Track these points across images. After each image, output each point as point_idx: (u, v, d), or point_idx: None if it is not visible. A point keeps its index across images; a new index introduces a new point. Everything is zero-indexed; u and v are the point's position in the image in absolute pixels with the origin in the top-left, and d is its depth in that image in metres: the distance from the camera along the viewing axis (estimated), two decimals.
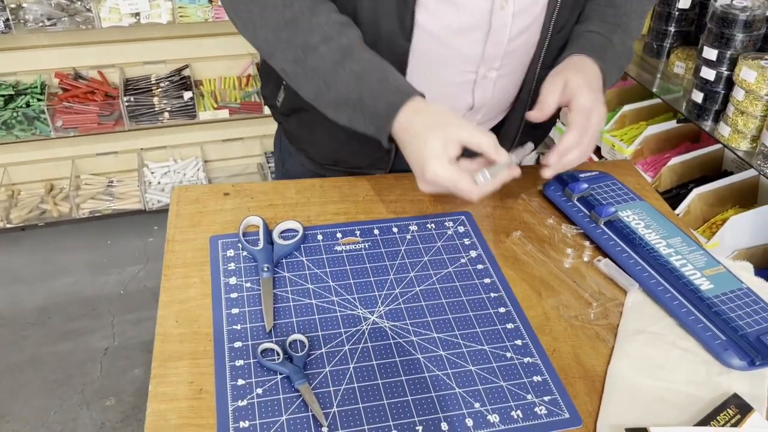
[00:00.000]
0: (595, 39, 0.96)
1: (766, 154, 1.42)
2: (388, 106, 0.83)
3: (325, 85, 0.85)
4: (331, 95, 0.86)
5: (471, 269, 0.89)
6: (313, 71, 0.85)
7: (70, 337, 2.18)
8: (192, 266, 0.87)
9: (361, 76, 0.84)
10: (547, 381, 0.75)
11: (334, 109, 0.88)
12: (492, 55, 0.93)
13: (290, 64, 0.87)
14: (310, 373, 0.74)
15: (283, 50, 0.86)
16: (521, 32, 0.92)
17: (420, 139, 0.81)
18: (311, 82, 0.87)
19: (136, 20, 2.24)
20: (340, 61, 0.84)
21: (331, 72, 0.84)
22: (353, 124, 0.87)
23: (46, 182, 2.60)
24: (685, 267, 0.88)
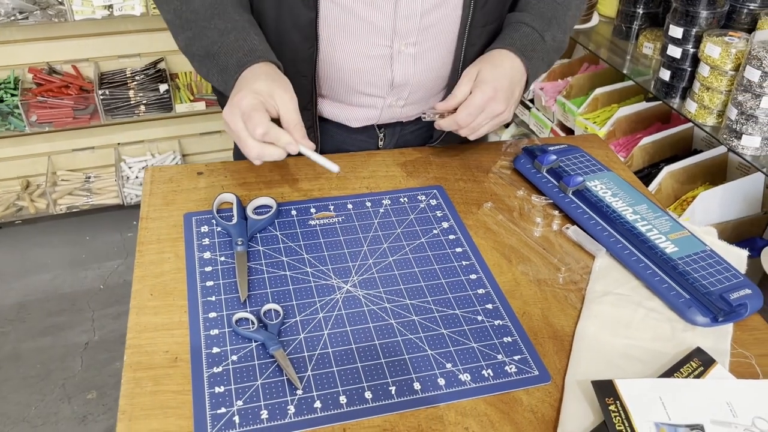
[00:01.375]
0: (527, 34, 0.95)
1: (732, 128, 1.45)
2: (237, 63, 0.87)
3: (194, 35, 0.90)
4: (197, 47, 0.90)
5: (443, 239, 0.91)
6: (186, 22, 0.90)
7: (50, 332, 2.17)
8: (166, 242, 0.88)
9: (223, 33, 0.88)
10: (516, 341, 0.77)
11: (198, 62, 0.92)
12: (405, 29, 0.93)
13: (171, 14, 0.92)
14: (285, 340, 0.75)
15: (166, 2, 0.92)
16: (436, 6, 0.92)
17: (253, 77, 0.84)
18: (184, 32, 0.91)
19: (109, 12, 2.23)
20: (209, 17, 0.89)
21: (200, 25, 0.89)
22: (209, 78, 0.92)
23: (22, 179, 2.58)
24: (651, 232, 0.91)
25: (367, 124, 1.06)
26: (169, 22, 0.94)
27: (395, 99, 1.02)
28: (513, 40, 0.95)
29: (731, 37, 1.47)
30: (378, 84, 0.99)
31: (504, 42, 0.95)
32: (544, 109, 2.25)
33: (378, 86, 0.99)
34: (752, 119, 1.40)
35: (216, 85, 0.92)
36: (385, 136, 1.10)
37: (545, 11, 0.98)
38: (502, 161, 1.08)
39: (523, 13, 0.98)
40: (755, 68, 1.34)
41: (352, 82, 0.98)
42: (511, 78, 0.92)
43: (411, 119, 1.09)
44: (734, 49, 1.44)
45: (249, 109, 0.81)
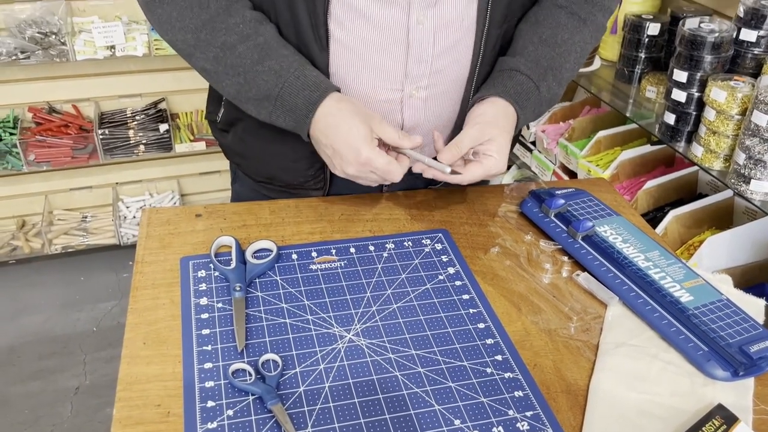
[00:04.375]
0: (521, 83, 0.93)
1: (739, 173, 1.43)
2: (306, 101, 0.86)
3: (246, 82, 0.87)
4: (252, 92, 0.88)
5: (449, 286, 0.88)
6: (233, 69, 0.87)
7: (40, 376, 2.11)
8: (161, 287, 0.84)
9: (279, 73, 0.86)
10: (528, 396, 0.73)
11: (254, 105, 0.90)
12: (417, 73, 0.92)
13: (211, 62, 0.89)
14: (284, 393, 0.71)
15: (203, 50, 0.88)
16: (447, 50, 0.91)
17: (346, 125, 0.85)
18: (232, 79, 0.88)
19: (111, 53, 2.23)
20: (259, 60, 0.86)
21: (250, 70, 0.87)
22: (273, 119, 0.89)
23: (17, 218, 2.55)
24: (665, 280, 0.87)
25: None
26: (207, 71, 0.90)
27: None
28: (507, 88, 0.93)
29: (737, 81, 1.46)
30: None
31: (497, 89, 0.93)
32: (546, 151, 2.24)
33: None
34: (760, 164, 1.38)
35: (282, 124, 0.90)
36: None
37: (542, 60, 0.95)
38: (508, 205, 1.05)
39: (518, 58, 0.95)
40: (763, 113, 1.33)
41: None
42: (510, 134, 0.92)
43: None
44: (740, 93, 1.43)
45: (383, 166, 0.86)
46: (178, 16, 0.87)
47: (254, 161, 1.05)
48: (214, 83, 0.92)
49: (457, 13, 0.89)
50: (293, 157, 0.99)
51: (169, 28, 0.89)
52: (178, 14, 0.87)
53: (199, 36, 0.87)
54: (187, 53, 0.90)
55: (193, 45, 0.88)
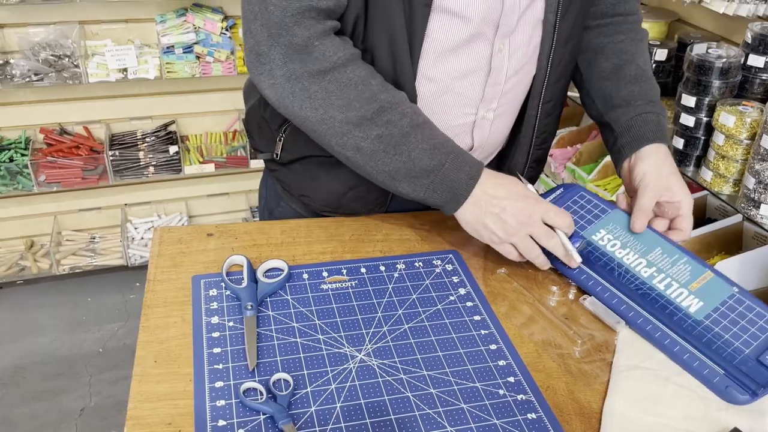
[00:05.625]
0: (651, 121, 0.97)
1: (750, 197, 1.43)
2: (468, 176, 0.88)
3: (409, 159, 0.87)
4: (415, 168, 0.88)
5: (460, 306, 0.87)
6: (395, 146, 0.87)
7: (45, 397, 2.10)
8: (173, 306, 0.84)
9: (440, 149, 0.88)
10: (542, 418, 0.72)
11: (411, 183, 0.89)
12: (491, 96, 0.95)
13: (370, 141, 0.87)
14: (295, 413, 0.70)
15: (364, 128, 0.86)
16: (516, 71, 0.95)
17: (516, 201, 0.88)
18: (392, 157, 0.88)
19: (123, 76, 2.26)
20: (423, 137, 0.88)
21: (415, 146, 0.87)
22: (429, 194, 0.89)
23: (26, 238, 2.56)
24: (670, 288, 0.86)
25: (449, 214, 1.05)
26: (361, 150, 0.87)
27: None
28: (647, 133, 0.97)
29: (745, 106, 1.46)
30: None
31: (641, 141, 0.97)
32: (554, 175, 2.24)
33: None
34: None
35: (437, 198, 0.90)
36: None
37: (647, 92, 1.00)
38: None
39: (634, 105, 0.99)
40: None
41: None
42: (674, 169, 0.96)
43: None
44: (749, 118, 1.43)
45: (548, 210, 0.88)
46: (339, 94, 0.85)
47: (324, 194, 1.04)
48: (365, 162, 0.89)
49: (526, 37, 0.93)
50: (370, 187, 0.98)
51: (324, 106, 0.86)
52: (340, 92, 0.85)
53: (364, 114, 0.86)
54: (341, 132, 0.87)
55: (354, 123, 0.86)
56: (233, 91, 2.56)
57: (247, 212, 2.78)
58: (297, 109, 0.87)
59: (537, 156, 1.07)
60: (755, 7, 1.55)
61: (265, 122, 1.03)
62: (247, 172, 2.61)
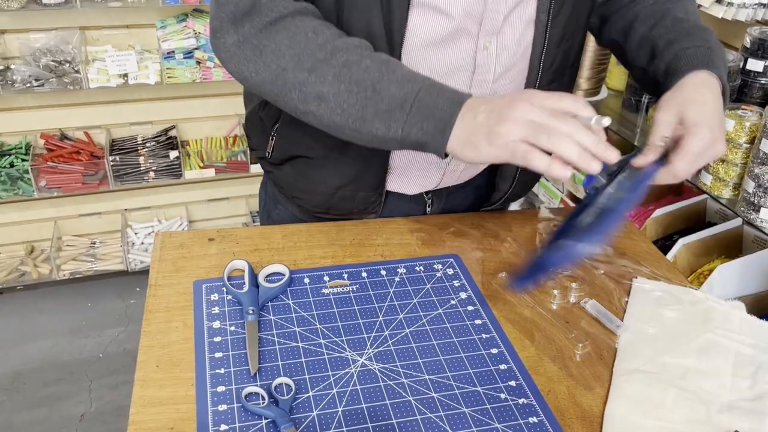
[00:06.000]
0: (698, 51, 0.88)
1: (749, 201, 1.44)
2: (450, 100, 0.78)
3: (375, 92, 0.80)
4: (383, 103, 0.80)
5: (461, 311, 0.88)
6: (358, 83, 0.81)
7: (46, 403, 2.09)
8: (174, 310, 0.84)
9: (412, 79, 0.80)
10: (543, 422, 0.72)
11: (384, 119, 0.81)
12: (478, 95, 0.93)
13: (329, 84, 0.81)
14: (297, 417, 0.71)
15: (321, 72, 0.81)
16: (505, 71, 0.94)
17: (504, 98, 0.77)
18: (356, 95, 0.81)
19: (124, 81, 2.26)
20: (388, 71, 0.81)
21: (380, 79, 0.80)
22: (408, 129, 0.80)
23: (26, 244, 2.56)
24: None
25: (424, 191, 1.05)
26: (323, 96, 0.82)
27: (457, 164, 1.01)
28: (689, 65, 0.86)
29: (744, 110, 1.47)
30: None
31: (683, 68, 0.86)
32: (553, 179, 2.24)
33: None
34: None
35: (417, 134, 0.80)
36: (432, 201, 1.08)
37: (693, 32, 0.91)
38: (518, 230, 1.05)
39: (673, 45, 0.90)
40: None
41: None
42: (719, 109, 0.83)
43: (462, 182, 1.07)
44: (748, 122, 1.43)
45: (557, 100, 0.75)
46: (290, 43, 0.82)
47: (314, 194, 1.03)
48: (331, 110, 0.83)
49: (516, 37, 0.91)
50: (358, 186, 0.99)
51: (275, 58, 0.83)
52: (290, 41, 0.82)
53: (317, 56, 0.82)
54: (298, 82, 0.83)
55: (308, 69, 0.82)
56: (233, 96, 2.56)
57: (247, 217, 2.78)
58: (254, 74, 0.85)
59: None
60: (753, 11, 1.55)
61: (261, 121, 1.04)
62: (247, 176, 2.62)
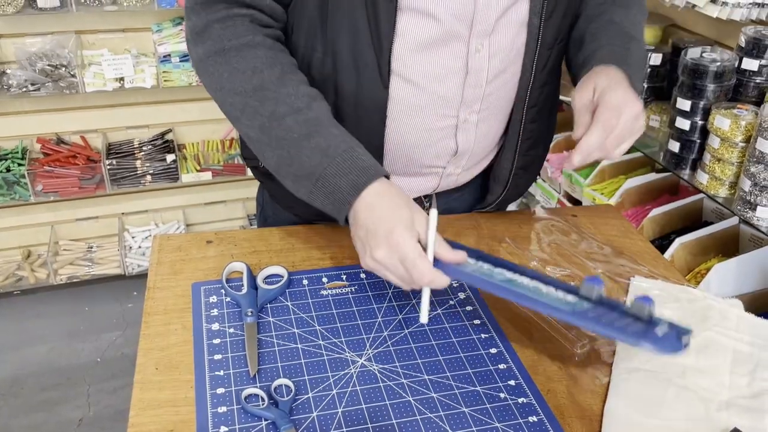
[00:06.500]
0: (613, 50, 0.91)
1: (745, 200, 1.44)
2: (351, 185, 0.79)
3: (289, 156, 0.82)
4: (294, 167, 0.82)
5: (460, 311, 0.88)
6: (278, 141, 0.83)
7: (43, 407, 2.09)
8: (173, 313, 0.84)
9: (326, 152, 0.81)
10: (543, 421, 0.72)
11: (293, 181, 0.84)
12: (471, 98, 0.94)
13: (255, 130, 0.85)
14: (297, 418, 0.71)
15: (250, 116, 0.84)
16: (498, 74, 0.94)
17: (387, 207, 0.78)
18: (275, 151, 0.84)
19: (120, 85, 2.26)
20: (307, 135, 0.81)
21: (296, 144, 0.82)
22: (312, 199, 0.83)
23: (23, 249, 2.56)
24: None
25: (423, 194, 1.04)
26: (251, 138, 0.86)
27: (454, 167, 1.01)
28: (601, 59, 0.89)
29: (740, 109, 1.47)
30: (441, 154, 0.98)
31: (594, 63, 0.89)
32: (551, 180, 2.25)
33: (441, 156, 0.98)
34: (766, 190, 1.39)
35: (319, 205, 0.83)
36: (430, 204, 1.08)
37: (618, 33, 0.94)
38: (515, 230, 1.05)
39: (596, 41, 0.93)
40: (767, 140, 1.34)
41: (415, 155, 0.97)
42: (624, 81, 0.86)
43: (458, 186, 1.07)
44: (744, 121, 1.44)
45: (412, 255, 0.74)
46: (228, 78, 0.84)
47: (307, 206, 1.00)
48: (257, 152, 0.88)
49: (509, 40, 0.92)
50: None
51: (218, 89, 0.86)
52: (230, 75, 0.84)
53: (248, 101, 0.84)
54: (233, 117, 0.87)
55: (240, 109, 0.85)
56: None
57: (244, 220, 2.78)
58: (209, 90, 0.89)
59: (523, 163, 1.03)
60: (748, 11, 1.56)
61: None
62: (244, 179, 2.62)
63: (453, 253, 0.78)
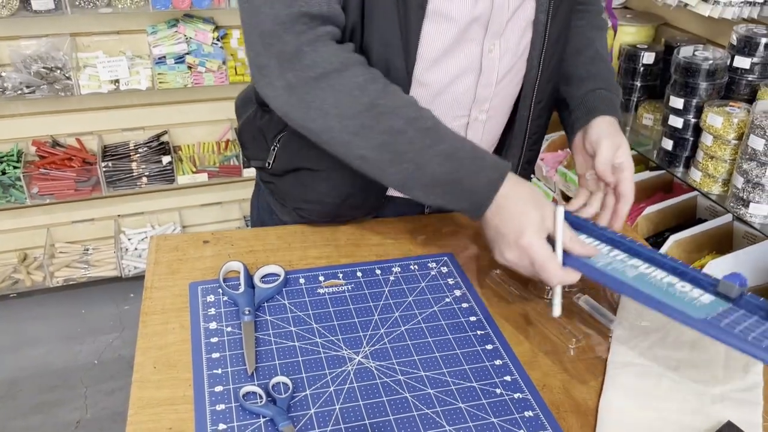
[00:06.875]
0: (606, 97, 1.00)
1: (738, 196, 1.45)
2: (488, 182, 0.83)
3: (417, 167, 0.83)
4: (425, 177, 0.84)
5: (456, 308, 0.88)
6: (401, 155, 0.83)
7: (41, 409, 2.09)
8: (171, 312, 0.85)
9: (453, 156, 0.83)
10: (538, 416, 0.73)
11: (423, 191, 0.86)
12: (482, 97, 0.96)
13: (374, 150, 0.83)
14: (295, 415, 0.71)
15: (365, 137, 0.83)
16: (506, 73, 0.96)
17: (518, 209, 0.82)
18: (399, 166, 0.84)
19: (115, 87, 2.26)
20: (431, 144, 0.83)
21: (421, 154, 0.83)
22: (446, 202, 0.86)
23: (19, 251, 2.55)
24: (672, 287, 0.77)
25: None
26: (368, 159, 0.84)
27: None
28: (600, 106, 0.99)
29: (732, 107, 1.49)
30: None
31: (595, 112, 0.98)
32: (545, 179, 2.26)
33: None
34: (759, 187, 1.40)
35: (454, 206, 0.86)
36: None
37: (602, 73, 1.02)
38: None
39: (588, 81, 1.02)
40: (759, 137, 1.35)
41: None
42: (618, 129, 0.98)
43: None
44: (736, 118, 1.45)
45: (541, 258, 0.79)
46: (335, 102, 0.81)
47: (320, 204, 1.02)
48: (374, 171, 0.86)
49: (517, 38, 0.94)
50: (367, 194, 0.99)
51: (321, 115, 0.83)
52: (336, 99, 0.81)
53: (363, 122, 0.82)
54: (343, 141, 0.84)
55: (353, 132, 0.82)
56: (225, 101, 2.57)
57: (240, 221, 2.78)
58: (300, 120, 0.85)
59: (528, 157, 1.08)
60: (740, 9, 1.57)
61: (260, 132, 1.04)
62: (240, 181, 2.62)
63: (583, 247, 0.82)
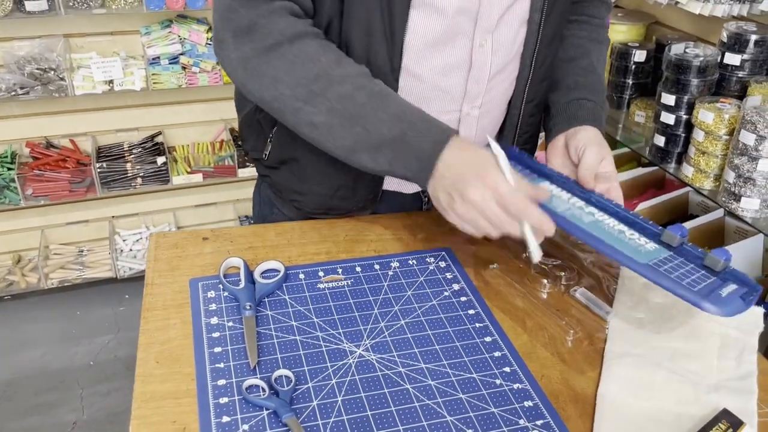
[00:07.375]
0: (591, 108, 1.01)
1: (730, 191, 1.47)
2: (434, 142, 0.84)
3: (365, 130, 0.85)
4: (373, 139, 0.85)
5: (455, 301, 0.89)
6: (350, 119, 0.85)
7: (37, 411, 2.08)
8: (172, 308, 0.85)
9: (402, 118, 0.85)
10: (538, 406, 0.74)
11: (371, 155, 0.86)
12: (474, 93, 0.96)
13: (324, 115, 0.86)
14: (298, 407, 0.72)
15: (315, 103, 0.85)
16: (500, 70, 0.96)
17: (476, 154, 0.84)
18: (348, 130, 0.85)
19: (109, 88, 2.26)
20: (380, 106, 0.85)
21: (371, 116, 0.85)
22: (393, 166, 0.87)
23: (13, 253, 2.55)
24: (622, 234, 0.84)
25: (421, 189, 1.06)
26: (318, 125, 0.86)
27: None
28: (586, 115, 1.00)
29: (723, 103, 1.51)
30: None
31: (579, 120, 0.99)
32: None
33: None
34: (750, 182, 1.42)
35: (402, 170, 0.87)
36: (428, 198, 1.10)
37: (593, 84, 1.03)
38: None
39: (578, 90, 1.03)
40: (750, 132, 1.37)
41: None
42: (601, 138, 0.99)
43: None
44: (727, 114, 1.47)
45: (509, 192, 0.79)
46: (287, 71, 0.85)
47: (312, 196, 1.04)
48: (324, 139, 0.88)
49: (511, 36, 0.95)
50: (357, 185, 1.00)
51: (273, 83, 0.86)
52: (287, 68, 0.85)
53: (312, 89, 0.85)
54: (294, 108, 0.87)
55: (303, 99, 0.85)
56: (219, 101, 2.57)
57: (235, 222, 2.79)
58: (254, 91, 0.88)
59: None
60: (730, 7, 1.59)
61: (258, 124, 1.05)
62: (234, 181, 2.62)
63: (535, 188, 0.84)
